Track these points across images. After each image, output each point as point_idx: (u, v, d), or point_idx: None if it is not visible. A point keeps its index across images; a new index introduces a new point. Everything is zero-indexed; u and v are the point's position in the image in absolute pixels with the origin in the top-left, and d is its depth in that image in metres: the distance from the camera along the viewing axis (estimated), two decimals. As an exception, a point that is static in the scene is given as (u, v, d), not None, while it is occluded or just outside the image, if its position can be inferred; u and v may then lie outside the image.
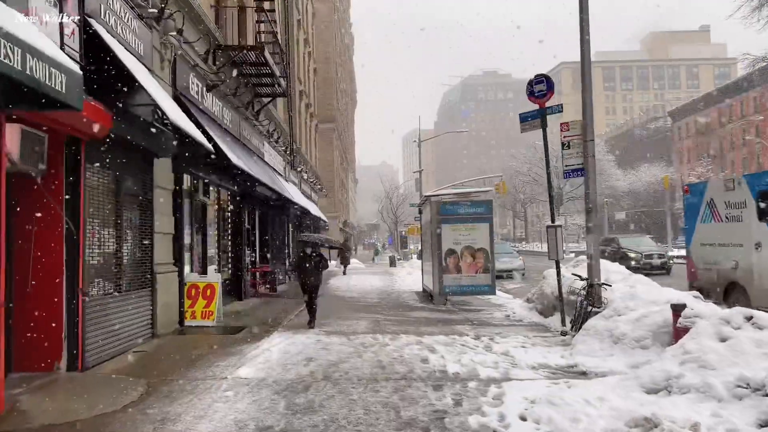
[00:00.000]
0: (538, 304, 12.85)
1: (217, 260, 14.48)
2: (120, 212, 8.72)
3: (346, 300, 16.62)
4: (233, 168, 11.78)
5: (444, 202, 15.54)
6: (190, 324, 10.99)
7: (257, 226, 19.01)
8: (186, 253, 12.16)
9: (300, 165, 27.48)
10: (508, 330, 11.06)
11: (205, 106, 12.52)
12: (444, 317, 12.86)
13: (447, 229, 15.37)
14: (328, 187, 46.01)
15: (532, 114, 11.21)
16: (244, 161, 13.54)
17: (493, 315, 13.26)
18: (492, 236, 15.51)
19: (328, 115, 51.36)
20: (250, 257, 17.93)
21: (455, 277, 15.28)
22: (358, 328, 10.98)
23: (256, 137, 18.07)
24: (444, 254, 15.31)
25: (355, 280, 25.28)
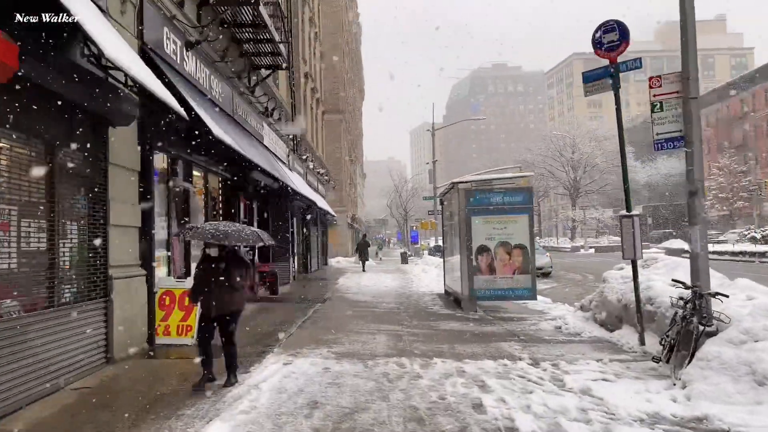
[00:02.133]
0: (598, 313, 10.40)
1: (204, 259, 12.09)
2: (54, 197, 6.33)
3: (358, 305, 14.21)
4: (217, 142, 9.37)
5: (474, 190, 13.08)
6: (162, 342, 8.62)
7: (255, 220, 16.62)
8: (161, 251, 9.79)
9: (306, 153, 25.06)
10: (569, 349, 8.63)
11: (187, 71, 10.12)
12: (480, 330, 10.44)
13: (478, 222, 12.92)
14: (336, 180, 43.62)
15: (599, 72, 8.75)
16: (236, 140, 11.15)
17: (539, 326, 10.83)
18: (532, 230, 13.05)
19: (336, 105, 48.94)
20: (247, 256, 15.55)
21: (488, 279, 12.84)
22: (377, 348, 8.57)
23: (255, 117, 15.68)
24: (475, 252, 12.87)
25: (366, 280, 22.88)
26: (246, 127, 14.38)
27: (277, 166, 16.57)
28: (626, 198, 8.72)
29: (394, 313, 12.76)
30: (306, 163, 25.12)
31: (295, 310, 12.72)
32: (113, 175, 7.57)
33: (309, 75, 28.80)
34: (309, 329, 10.18)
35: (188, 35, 10.27)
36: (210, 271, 6.37)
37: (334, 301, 15.03)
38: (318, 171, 29.76)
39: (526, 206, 12.98)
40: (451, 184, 13.82)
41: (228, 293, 6.36)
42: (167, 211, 10.02)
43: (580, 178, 69.91)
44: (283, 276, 18.92)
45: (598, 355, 8.16)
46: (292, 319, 11.40)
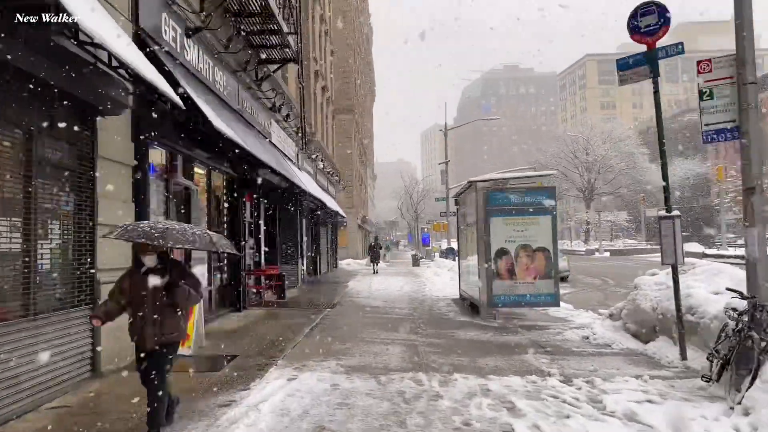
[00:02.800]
0: (630, 322, 9.58)
1: (206, 262, 11.42)
2: (32, 193, 5.66)
3: (369, 311, 13.47)
4: (220, 137, 8.68)
5: (494, 190, 12.30)
6: (157, 352, 7.92)
7: (262, 221, 15.94)
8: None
9: (315, 152, 24.38)
10: (601, 362, 7.84)
11: (187, 61, 9.44)
12: (502, 339, 9.67)
13: (498, 223, 12.14)
14: (346, 181, 42.96)
15: (636, 58, 7.95)
16: (240, 135, 10.47)
17: (565, 336, 10.04)
18: (555, 232, 12.24)
19: (347, 105, 48.33)
20: (253, 258, 14.89)
21: (508, 285, 12.05)
22: (391, 361, 7.82)
23: (263, 114, 15.01)
24: (494, 255, 12.09)
25: (377, 283, 22.14)
26: (253, 123, 13.71)
27: (285, 165, 15.89)
28: (665, 197, 7.92)
29: (407, 319, 12.01)
30: (316, 162, 24.45)
31: (303, 317, 12.01)
32: (103, 170, 6.89)
33: (319, 73, 28.14)
34: (317, 338, 9.46)
35: (189, 22, 9.60)
36: (144, 286, 4.65)
37: (344, 306, 14.31)
38: (328, 171, 29.09)
39: (548, 206, 12.18)
40: (469, 183, 13.05)
41: (170, 318, 4.73)
42: (165, 210, 9.34)
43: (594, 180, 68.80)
44: (290, 279, 18.24)
45: (635, 370, 7.37)
46: (299, 326, 10.68)
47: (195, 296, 4.76)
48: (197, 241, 4.64)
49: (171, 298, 4.69)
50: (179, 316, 4.81)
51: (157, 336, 4.67)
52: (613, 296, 17.65)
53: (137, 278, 4.72)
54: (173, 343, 4.83)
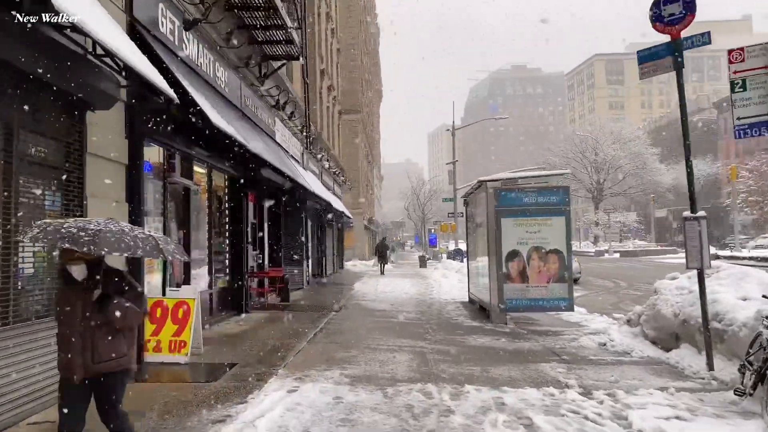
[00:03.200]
0: (649, 329, 9.11)
1: (207, 264, 11.03)
2: (11, 191, 5.26)
3: (375, 315, 13.04)
4: (219, 134, 8.27)
5: (505, 190, 11.85)
6: (152, 359, 7.53)
7: (266, 222, 15.55)
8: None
9: (321, 152, 23.98)
10: (622, 372, 7.38)
11: (186, 55, 9.04)
12: (515, 346, 9.21)
13: (509, 224, 11.69)
14: (352, 181, 42.56)
15: (659, 50, 7.48)
16: (242, 132, 10.07)
17: (581, 342, 9.57)
18: (569, 234, 11.78)
19: (354, 105, 47.92)
20: (257, 259, 14.49)
21: (520, 288, 11.60)
22: (398, 370, 7.38)
23: (266, 112, 14.62)
24: (505, 257, 11.64)
25: (384, 285, 21.71)
26: (256, 122, 13.31)
27: (289, 164, 15.49)
28: (691, 197, 7.46)
29: (415, 324, 11.57)
30: (321, 162, 24.04)
31: (306, 321, 11.59)
32: (92, 167, 6.49)
33: (325, 72, 27.75)
34: (320, 344, 9.04)
35: (187, 14, 9.20)
36: (70, 302, 3.75)
37: (350, 309, 13.89)
38: (334, 171, 28.70)
39: (562, 207, 11.72)
40: (479, 182, 12.60)
41: (105, 340, 3.75)
42: (163, 211, 8.95)
43: (603, 180, 68.13)
44: (295, 281, 17.87)
45: (659, 381, 6.91)
46: (302, 331, 10.26)
47: (135, 313, 3.82)
48: (138, 246, 3.69)
49: (105, 317, 3.71)
50: (119, 338, 3.82)
51: (87, 366, 3.69)
52: (627, 299, 17.17)
53: (64, 293, 3.82)
54: (114, 373, 3.81)
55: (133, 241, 3.68)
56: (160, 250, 3.83)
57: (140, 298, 3.95)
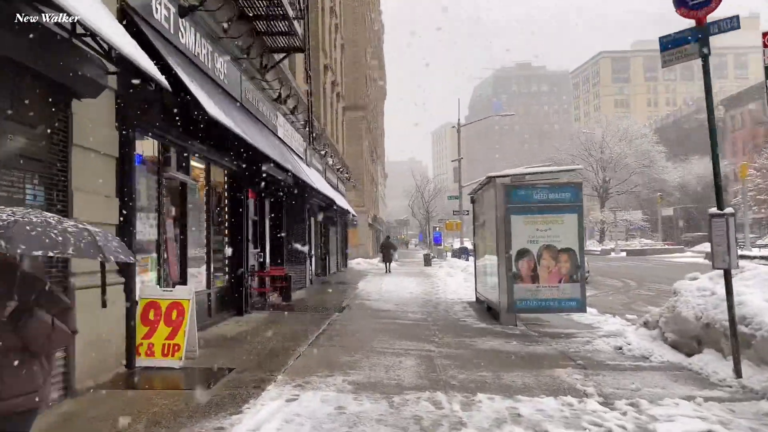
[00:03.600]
0: (669, 332, 8.65)
1: (206, 263, 10.61)
2: (-12, 184, 4.85)
3: (379, 315, 12.61)
4: (218, 127, 7.85)
5: (515, 186, 11.39)
6: (145, 364, 7.11)
7: (267, 219, 15.14)
8: (148, 254, 8.30)
9: (325, 149, 23.55)
10: (643, 379, 6.94)
11: (182, 44, 8.62)
12: (526, 350, 8.77)
13: (519, 221, 11.24)
14: (356, 179, 42.12)
15: (683, 36, 7.02)
16: (241, 125, 9.65)
17: (595, 346, 9.12)
18: (582, 232, 11.34)
19: (358, 102, 47.48)
20: (258, 258, 14.07)
21: (530, 288, 11.15)
22: (404, 376, 6.95)
23: (268, 106, 14.20)
24: (514, 256, 11.19)
25: (388, 284, 21.27)
26: (257, 116, 12.89)
27: (291, 160, 15.07)
28: (717, 192, 7.00)
29: (421, 326, 11.14)
30: (325, 159, 23.62)
31: (309, 322, 11.17)
32: (78, 160, 6.07)
33: (329, 67, 27.32)
34: (322, 348, 8.61)
35: (183, 1, 8.77)
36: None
37: (354, 309, 13.46)
38: (338, 168, 28.27)
39: (574, 204, 11.26)
40: (487, 178, 12.14)
41: (12, 368, 2.82)
42: (158, 207, 8.54)
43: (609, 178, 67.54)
44: (298, 280, 17.46)
45: (683, 389, 6.46)
46: (304, 333, 9.84)
47: (62, 334, 2.95)
48: (69, 243, 2.76)
49: (19, 337, 2.81)
50: (34, 367, 2.90)
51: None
52: (639, 300, 16.72)
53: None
54: (21, 413, 2.88)
55: (61, 236, 2.75)
56: (98, 248, 2.92)
57: (68, 314, 3.04)
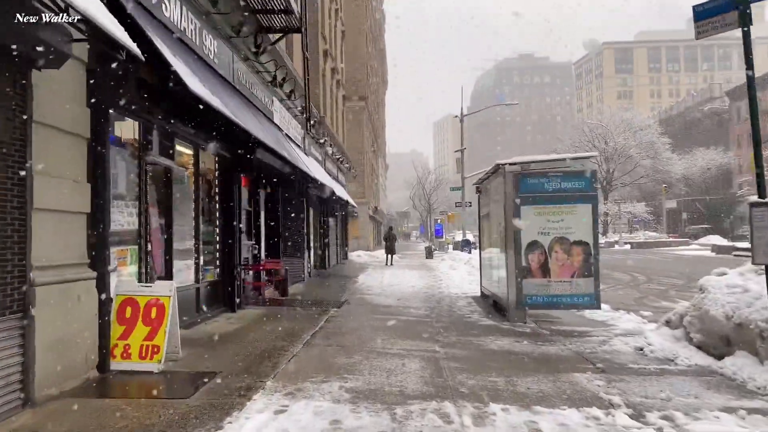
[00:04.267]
0: (695, 332, 7.95)
1: (194, 255, 9.91)
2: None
3: (381, 311, 11.93)
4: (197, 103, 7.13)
5: (525, 174, 10.68)
6: (120, 367, 6.43)
7: (263, 210, 14.44)
8: (127, 246, 7.61)
9: (324, 137, 22.81)
10: (672, 386, 6.24)
11: (166, 17, 7.89)
12: (539, 350, 8.08)
13: (529, 212, 10.54)
14: (357, 170, 41.38)
15: (721, 3, 6.29)
16: (231, 108, 8.94)
17: (613, 346, 8.44)
18: (596, 223, 10.64)
19: (359, 92, 46.70)
20: (252, 250, 13.39)
21: (541, 283, 10.46)
22: (408, 382, 6.26)
23: (263, 90, 13.48)
24: (524, 249, 10.50)
25: (389, 277, 20.60)
26: (251, 99, 12.18)
27: (288, 147, 14.35)
28: (758, 180, 6.29)
29: (425, 323, 10.46)
30: (324, 148, 22.88)
31: (305, 318, 10.49)
32: (41, 139, 5.37)
33: (329, 53, 26.53)
34: (318, 348, 7.93)
35: (167, -32, 8.02)
36: None
37: (353, 304, 12.78)
38: (338, 158, 27.54)
39: (588, 193, 10.55)
40: (496, 166, 11.41)
41: None
42: (139, 195, 7.84)
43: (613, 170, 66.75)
44: (295, 273, 16.79)
45: (719, 399, 5.77)
46: (299, 331, 9.15)
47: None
48: None
49: None
50: None
51: None
52: (651, 295, 16.02)
53: None
54: None
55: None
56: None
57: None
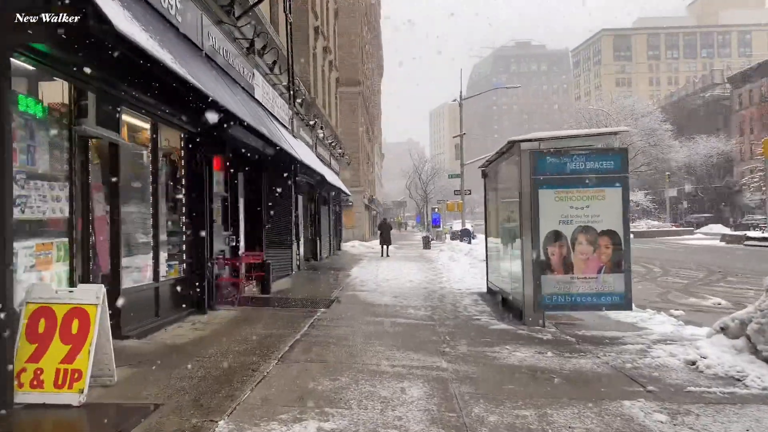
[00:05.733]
0: (764, 343, 6.44)
1: (152, 248, 8.31)
2: None
3: (374, 312, 10.37)
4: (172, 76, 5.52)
5: (544, 153, 9.10)
6: (27, 401, 4.86)
7: (242, 196, 12.85)
8: (56, 238, 6.01)
9: (314, 119, 21.17)
10: (758, 422, 4.73)
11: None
12: (570, 366, 6.54)
13: (549, 197, 8.98)
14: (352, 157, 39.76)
15: None
16: (193, 71, 7.33)
17: (657, 358, 6.90)
18: (627, 209, 9.09)
19: (353, 77, 45.03)
20: (230, 242, 11.79)
21: (563, 280, 8.91)
22: (410, 418, 4.69)
23: (242, 60, 11.88)
24: (543, 241, 8.95)
25: (385, 270, 19.03)
26: (228, 71, 10.58)
27: (270, 126, 12.75)
28: None
29: (427, 327, 8.92)
30: (315, 131, 21.24)
31: (285, 322, 8.93)
32: None
33: (320, 31, 24.82)
34: (295, 365, 6.37)
35: None
36: None
37: (344, 304, 11.23)
38: (330, 142, 25.90)
39: (619, 175, 8.99)
40: (509, 143, 9.77)
41: None
42: (69, 174, 6.24)
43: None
44: (282, 266, 15.23)
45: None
46: (276, 340, 7.59)
47: None
48: None
49: None
50: None
51: None
52: (672, 289, 14.54)
53: None
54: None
55: None
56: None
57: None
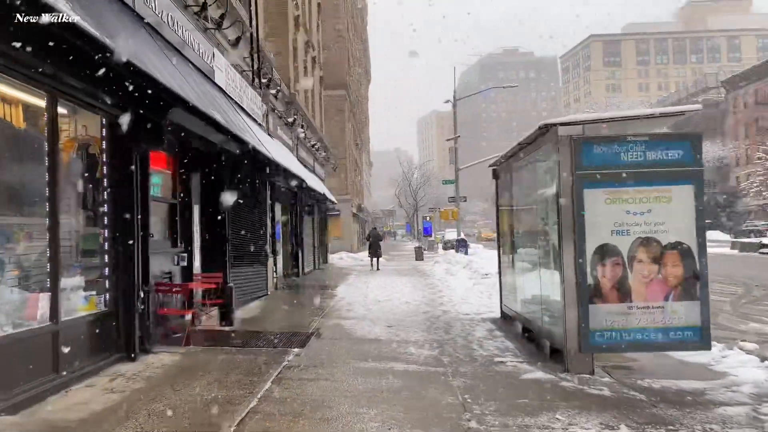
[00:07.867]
0: None
1: (50, 274, 5.87)
2: None
3: (364, 354, 7.93)
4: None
5: (590, 140, 6.80)
6: None
7: (196, 204, 10.42)
8: None
9: (294, 116, 18.79)
10: None
11: None
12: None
13: (597, 199, 6.69)
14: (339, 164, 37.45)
15: None
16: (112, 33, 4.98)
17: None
18: (702, 215, 6.81)
19: (340, 79, 42.88)
20: (180, 261, 9.35)
21: (618, 311, 6.60)
22: None
23: (200, 38, 9.57)
24: (590, 257, 6.65)
25: (376, 288, 16.62)
26: (170, 41, 8.24)
27: (234, 117, 10.40)
28: None
29: (436, 379, 6.53)
30: (295, 129, 18.88)
31: (241, 376, 6.50)
32: None
33: (301, 21, 22.53)
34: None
35: None
36: None
37: (325, 340, 8.80)
38: (313, 145, 23.55)
39: (690, 169, 6.73)
40: (542, 128, 7.34)
41: None
42: None
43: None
44: (253, 287, 12.82)
45: None
46: (222, 410, 5.18)
47: None
48: None
49: None
50: None
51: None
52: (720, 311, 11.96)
53: None
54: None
55: None
56: None
57: None
